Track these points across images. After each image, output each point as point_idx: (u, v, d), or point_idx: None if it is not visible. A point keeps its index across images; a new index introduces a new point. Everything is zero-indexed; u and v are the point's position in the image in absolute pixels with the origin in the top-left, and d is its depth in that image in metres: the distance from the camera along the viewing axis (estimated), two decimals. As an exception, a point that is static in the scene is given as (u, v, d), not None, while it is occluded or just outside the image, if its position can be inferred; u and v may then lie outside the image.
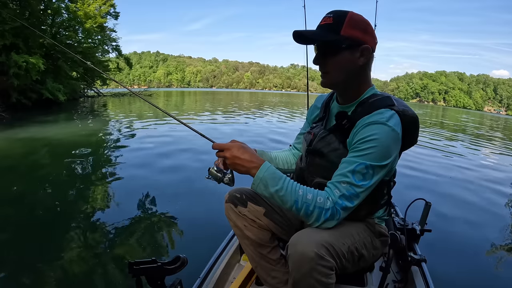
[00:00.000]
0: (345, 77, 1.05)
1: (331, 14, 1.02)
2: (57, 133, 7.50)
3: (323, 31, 1.02)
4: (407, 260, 1.55)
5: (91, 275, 2.10)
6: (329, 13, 1.03)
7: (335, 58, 1.03)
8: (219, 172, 1.08)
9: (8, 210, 3.10)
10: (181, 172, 4.48)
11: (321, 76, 1.09)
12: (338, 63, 1.03)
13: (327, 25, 1.01)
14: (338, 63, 1.03)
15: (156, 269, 1.04)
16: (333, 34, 1.00)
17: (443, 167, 5.93)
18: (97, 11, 19.11)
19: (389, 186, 1.11)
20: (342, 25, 0.99)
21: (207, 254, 1.58)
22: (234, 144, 1.01)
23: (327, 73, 1.06)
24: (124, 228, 2.74)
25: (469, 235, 3.00)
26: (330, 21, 1.01)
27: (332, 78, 1.06)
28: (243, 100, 29.58)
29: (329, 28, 1.01)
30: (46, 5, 14.80)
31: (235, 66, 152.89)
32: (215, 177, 1.08)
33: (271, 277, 1.28)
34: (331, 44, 1.02)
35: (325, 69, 1.06)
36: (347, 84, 1.07)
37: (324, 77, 1.08)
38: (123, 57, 24.18)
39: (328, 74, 1.06)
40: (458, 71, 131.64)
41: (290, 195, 0.93)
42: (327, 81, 1.08)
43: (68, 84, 16.12)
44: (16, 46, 11.73)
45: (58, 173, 4.46)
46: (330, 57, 1.03)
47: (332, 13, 1.02)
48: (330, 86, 1.10)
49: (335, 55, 1.02)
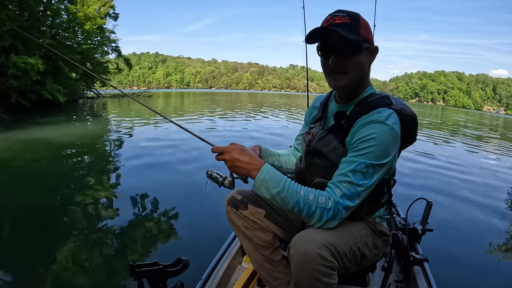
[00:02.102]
0: (359, 77, 1.05)
1: (345, 14, 1.00)
2: (57, 134, 7.49)
3: (344, 30, 0.97)
4: (409, 260, 1.55)
5: (93, 277, 2.09)
6: (340, 12, 1.01)
7: (356, 58, 1.01)
8: (219, 175, 1.06)
9: (8, 211, 3.09)
10: (182, 174, 4.48)
11: (334, 78, 1.04)
12: (358, 63, 1.02)
13: (345, 24, 0.99)
14: (358, 63, 1.02)
15: (158, 272, 1.04)
16: (354, 34, 0.98)
17: (443, 167, 5.92)
18: (97, 12, 19.12)
19: (389, 184, 1.11)
20: (359, 25, 0.99)
21: (208, 256, 1.57)
22: (234, 146, 1.01)
23: (346, 73, 1.03)
24: (126, 230, 2.73)
25: (471, 235, 3.00)
26: (347, 20, 0.99)
27: (349, 79, 1.03)
28: (243, 101, 29.58)
29: (349, 27, 0.98)
30: (46, 7, 14.81)
31: (234, 66, 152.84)
32: (215, 180, 1.06)
33: (273, 278, 1.28)
34: (354, 44, 0.99)
35: (343, 69, 1.02)
36: (356, 84, 1.07)
37: (341, 77, 1.03)
38: (123, 58, 24.19)
39: (347, 74, 1.03)
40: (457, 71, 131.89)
41: (292, 196, 0.92)
42: (345, 81, 1.03)
43: (68, 85, 16.15)
44: (15, 48, 11.73)
45: (59, 175, 4.45)
46: (350, 56, 1.01)
47: (344, 12, 1.01)
48: (346, 87, 1.06)
49: (357, 55, 1.01)
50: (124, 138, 7.62)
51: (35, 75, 11.62)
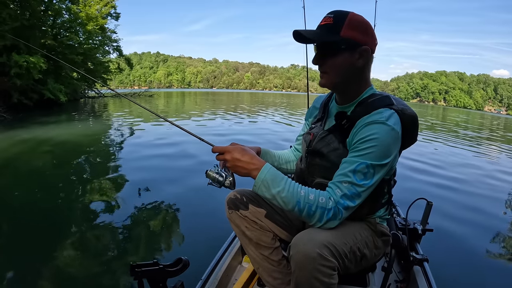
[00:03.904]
0: (344, 78, 1.05)
1: (332, 14, 1.02)
2: (58, 133, 7.50)
3: (323, 32, 1.02)
4: (409, 260, 1.55)
5: (93, 277, 2.09)
6: (330, 13, 1.03)
7: (334, 59, 1.03)
8: (219, 175, 1.06)
9: (10, 210, 3.10)
10: (182, 174, 4.47)
11: (320, 76, 1.09)
12: (337, 64, 1.03)
13: (327, 25, 1.01)
14: (337, 64, 1.03)
15: (158, 272, 1.04)
16: (332, 35, 1.00)
17: (444, 167, 5.92)
18: (98, 12, 19.13)
19: (389, 185, 1.11)
20: (342, 26, 0.99)
21: (208, 256, 1.57)
22: (235, 146, 1.01)
23: (326, 74, 1.06)
24: (126, 230, 2.74)
25: (471, 235, 2.99)
26: (330, 21, 1.01)
27: (330, 79, 1.06)
28: (244, 101, 29.56)
29: (329, 28, 1.01)
30: (47, 6, 14.82)
31: (235, 66, 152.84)
32: (215, 180, 1.06)
33: (273, 278, 1.28)
34: (331, 45, 1.02)
35: (324, 70, 1.06)
36: (345, 85, 1.08)
37: (322, 77, 1.08)
38: (124, 58, 24.22)
39: (327, 74, 1.06)
40: (458, 71, 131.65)
41: (292, 196, 0.92)
42: (326, 81, 1.08)
43: (69, 84, 16.16)
44: (16, 47, 11.75)
45: (60, 174, 4.45)
46: (329, 57, 1.03)
47: (332, 13, 1.02)
48: (328, 86, 1.10)
49: (334, 56, 1.02)
50: (125, 137, 7.63)
51: (36, 73, 11.63)
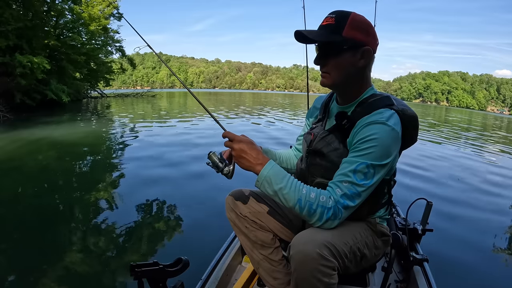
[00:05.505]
0: (345, 78, 1.05)
1: (334, 15, 1.02)
2: (61, 134, 7.55)
3: (325, 32, 1.02)
4: (409, 260, 1.55)
5: (93, 277, 2.10)
6: (331, 13, 1.03)
7: (336, 59, 1.03)
8: (220, 161, 1.06)
9: (11, 210, 3.12)
10: (182, 174, 4.48)
11: (321, 76, 1.09)
12: (338, 64, 1.03)
13: (329, 25, 1.01)
14: (338, 64, 1.03)
15: (158, 272, 1.04)
16: (334, 35, 1.00)
17: (444, 167, 5.90)
18: (101, 13, 19.17)
19: (389, 185, 1.12)
20: (344, 26, 0.99)
21: (208, 256, 1.58)
22: (244, 138, 1.03)
23: (328, 74, 1.06)
24: (126, 230, 2.75)
25: (471, 235, 2.99)
26: (332, 21, 1.01)
27: (332, 79, 1.06)
28: (246, 101, 29.56)
29: (331, 28, 1.01)
30: (50, 7, 14.88)
31: (237, 66, 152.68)
32: (215, 164, 1.07)
33: (273, 278, 1.28)
34: (333, 45, 1.01)
35: (325, 70, 1.06)
36: (346, 85, 1.08)
37: (324, 77, 1.08)
38: (127, 58, 24.26)
39: (328, 74, 1.06)
40: (461, 71, 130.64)
41: (294, 193, 0.93)
42: (327, 81, 1.08)
43: (72, 85, 16.21)
44: (19, 47, 11.81)
45: (62, 174, 4.48)
46: (331, 58, 1.03)
47: (334, 13, 1.02)
48: (330, 86, 1.10)
49: (336, 56, 1.02)
50: (126, 137, 7.64)
51: (40, 73, 11.68)
